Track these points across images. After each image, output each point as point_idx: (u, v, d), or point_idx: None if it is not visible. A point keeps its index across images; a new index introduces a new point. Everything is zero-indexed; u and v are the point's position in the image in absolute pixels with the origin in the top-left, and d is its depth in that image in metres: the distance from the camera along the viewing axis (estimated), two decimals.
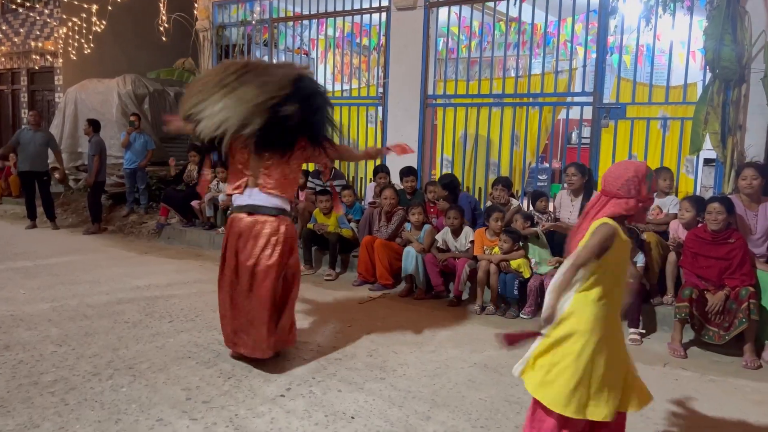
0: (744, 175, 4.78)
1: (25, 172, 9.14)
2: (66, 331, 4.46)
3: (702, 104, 5.41)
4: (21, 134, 9.18)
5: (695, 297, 4.36)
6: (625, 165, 2.50)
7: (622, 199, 2.44)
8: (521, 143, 7.02)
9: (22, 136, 9.10)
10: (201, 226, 8.29)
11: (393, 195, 6.27)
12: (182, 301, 5.37)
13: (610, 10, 6.24)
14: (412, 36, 7.25)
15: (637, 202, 2.44)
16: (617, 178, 2.45)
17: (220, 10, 9.23)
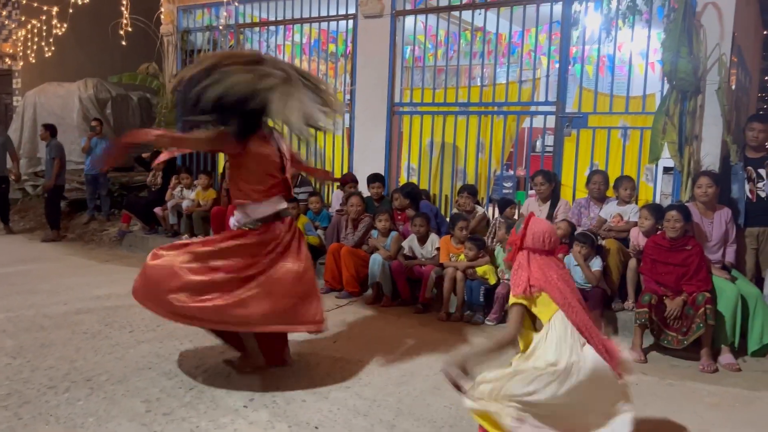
0: (699, 183, 4.92)
1: None
2: (21, 343, 4.32)
3: (660, 114, 5.55)
4: None
5: (654, 302, 4.46)
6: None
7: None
8: (486, 151, 7.10)
9: None
10: (164, 233, 8.14)
11: (359, 202, 6.27)
12: (143, 310, 5.15)
13: (573, 21, 6.37)
14: (379, 44, 7.28)
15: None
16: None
17: (185, 15, 9.12)
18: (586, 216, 5.62)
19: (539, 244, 2.77)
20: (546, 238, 2.76)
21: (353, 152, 7.62)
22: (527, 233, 2.79)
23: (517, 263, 2.79)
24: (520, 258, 2.79)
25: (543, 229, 2.79)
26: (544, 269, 2.72)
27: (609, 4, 6.01)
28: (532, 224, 2.81)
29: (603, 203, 5.60)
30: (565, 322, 2.63)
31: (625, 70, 6.38)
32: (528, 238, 2.79)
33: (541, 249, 2.76)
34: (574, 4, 6.23)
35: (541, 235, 2.76)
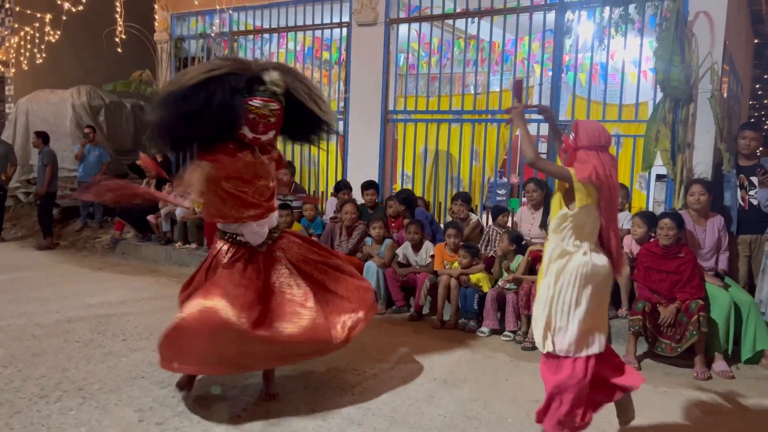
0: (692, 191, 4.95)
1: None
2: (12, 352, 4.29)
3: (653, 122, 5.58)
4: None
5: (648, 310, 4.47)
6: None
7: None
8: (480, 159, 7.12)
9: None
10: (157, 241, 8.11)
11: (354, 209, 6.27)
12: (136, 318, 5.24)
13: (565, 29, 6.41)
14: (372, 51, 7.30)
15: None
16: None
17: (179, 23, 9.13)
18: None
19: (595, 140, 2.82)
20: (600, 132, 2.83)
21: (347, 159, 7.62)
22: (580, 133, 2.84)
23: (582, 158, 2.81)
24: (582, 155, 2.82)
25: (594, 125, 2.88)
26: (609, 166, 2.80)
27: (601, 13, 6.05)
28: (581, 125, 2.89)
29: None
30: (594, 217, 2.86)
31: (618, 79, 6.42)
32: (582, 137, 2.83)
33: (597, 145, 2.81)
34: (566, 13, 6.27)
35: (595, 131, 2.83)
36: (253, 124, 3.42)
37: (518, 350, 4.78)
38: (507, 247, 5.28)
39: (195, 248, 7.68)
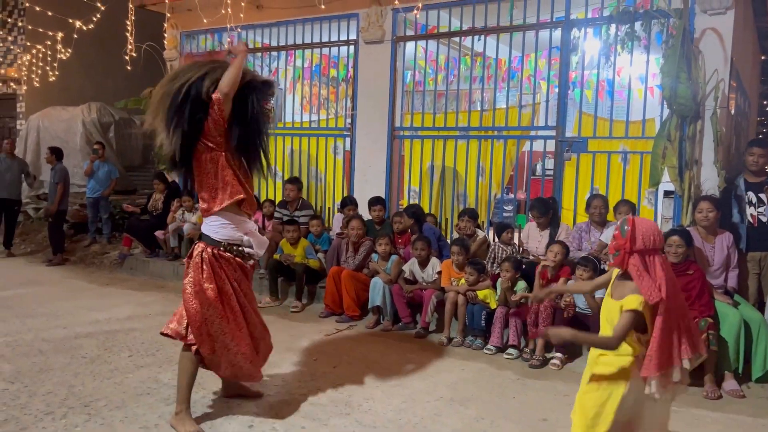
0: (700, 208, 4.92)
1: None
2: (19, 368, 4.29)
3: (660, 139, 5.57)
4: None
5: None
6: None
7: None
8: (487, 175, 7.12)
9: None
10: (165, 256, 8.14)
11: (360, 225, 6.28)
12: (143, 334, 5.24)
13: (572, 46, 6.44)
14: (379, 69, 7.35)
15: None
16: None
17: (189, 40, 9.23)
18: (586, 240, 5.61)
19: (650, 244, 2.58)
20: (656, 236, 2.60)
21: (354, 176, 7.64)
22: (636, 235, 2.59)
23: (637, 269, 2.57)
24: (636, 263, 2.58)
25: (651, 228, 2.62)
26: (669, 273, 2.58)
27: (608, 30, 6.08)
28: (638, 224, 2.62)
29: (604, 227, 5.59)
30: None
31: (625, 95, 6.43)
32: (638, 239, 2.58)
33: (652, 249, 2.58)
34: (573, 30, 6.30)
35: (651, 234, 2.58)
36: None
37: (525, 368, 4.74)
38: (514, 276, 5.17)
39: None
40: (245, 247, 3.54)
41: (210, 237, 3.47)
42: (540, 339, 4.84)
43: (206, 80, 3.39)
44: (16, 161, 9.18)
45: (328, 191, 8.11)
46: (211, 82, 3.38)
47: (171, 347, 4.87)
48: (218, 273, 3.41)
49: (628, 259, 2.61)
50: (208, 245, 3.45)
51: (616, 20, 5.93)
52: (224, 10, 7.70)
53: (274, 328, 5.47)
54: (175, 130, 3.32)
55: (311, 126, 8.52)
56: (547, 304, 4.88)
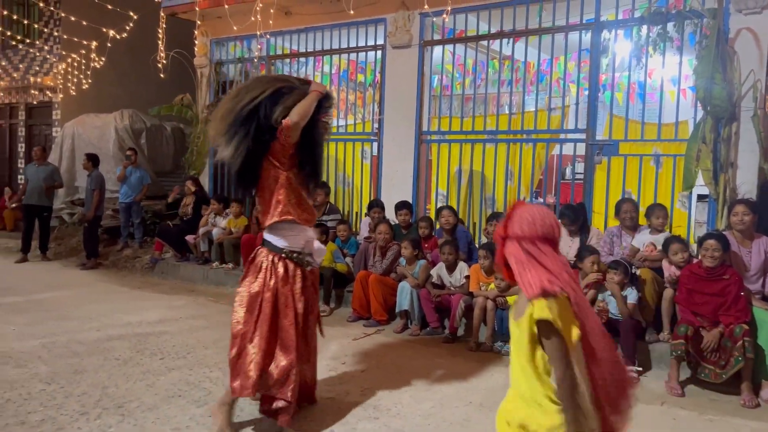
0: (735, 211, 4.81)
1: (29, 206, 9.17)
2: (55, 369, 4.39)
3: (694, 141, 5.46)
4: (27, 169, 9.28)
5: (690, 334, 4.33)
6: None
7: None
8: (515, 179, 7.07)
9: (28, 171, 9.19)
10: (195, 261, 8.25)
11: (387, 230, 6.28)
12: (174, 337, 5.31)
13: (602, 48, 6.36)
14: (407, 73, 7.36)
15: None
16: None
17: (218, 47, 9.37)
18: (618, 245, 5.52)
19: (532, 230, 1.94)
20: (543, 222, 1.94)
21: (381, 180, 7.66)
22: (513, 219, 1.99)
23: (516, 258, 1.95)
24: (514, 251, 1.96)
25: (537, 212, 1.97)
26: (557, 261, 1.92)
27: (639, 32, 5.99)
28: (519, 208, 2.02)
29: (635, 232, 5.50)
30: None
31: (656, 97, 6.32)
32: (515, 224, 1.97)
33: (539, 236, 1.93)
34: (603, 32, 6.22)
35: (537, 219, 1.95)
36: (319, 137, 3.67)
37: None
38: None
39: (231, 268, 7.77)
40: (305, 255, 3.59)
41: (272, 244, 3.54)
42: None
43: (279, 106, 3.45)
44: (43, 167, 9.35)
45: (355, 196, 8.14)
46: (284, 109, 3.44)
47: (201, 350, 4.94)
48: (269, 279, 3.47)
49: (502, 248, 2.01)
50: (270, 252, 3.53)
51: (647, 21, 5.84)
52: (254, 17, 7.80)
53: None
54: (239, 146, 3.42)
55: (339, 131, 8.56)
56: None
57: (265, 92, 3.46)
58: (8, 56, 14.54)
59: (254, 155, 3.46)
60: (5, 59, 14.62)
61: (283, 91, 3.51)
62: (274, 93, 3.48)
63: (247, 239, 7.62)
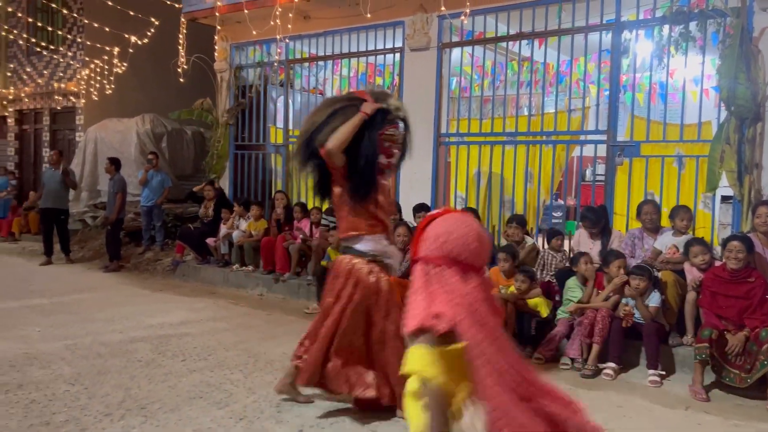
0: (759, 213, 4.73)
1: (45, 209, 9.30)
2: (79, 370, 4.45)
3: (717, 142, 5.39)
4: (44, 174, 9.41)
5: (715, 338, 4.26)
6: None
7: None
8: (535, 181, 7.02)
9: (45, 176, 9.32)
10: (216, 263, 8.31)
11: (406, 232, 6.26)
12: (195, 339, 5.36)
13: (623, 49, 6.30)
14: (425, 76, 7.35)
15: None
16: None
17: (238, 52, 9.45)
18: (640, 247, 5.46)
19: (436, 249, 1.67)
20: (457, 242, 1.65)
21: (399, 183, 7.66)
22: (425, 235, 1.73)
23: (415, 283, 1.71)
24: (418, 274, 1.71)
25: (451, 229, 1.67)
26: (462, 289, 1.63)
27: (660, 32, 5.92)
28: (435, 223, 1.74)
29: (657, 234, 5.43)
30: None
31: (678, 98, 6.25)
32: (424, 243, 1.71)
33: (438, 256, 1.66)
34: (624, 32, 6.17)
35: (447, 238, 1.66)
36: (387, 150, 3.67)
37: (577, 378, 4.63)
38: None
39: (251, 270, 7.82)
40: (386, 258, 3.76)
41: (355, 249, 3.71)
42: (594, 347, 4.72)
43: (326, 128, 3.57)
44: (59, 171, 9.45)
45: None
46: (329, 131, 3.54)
47: (222, 352, 4.97)
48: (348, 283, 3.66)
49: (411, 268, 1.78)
50: (354, 256, 3.70)
51: (669, 21, 5.77)
52: (273, 22, 7.86)
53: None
54: (307, 167, 3.75)
55: None
56: (605, 314, 4.75)
57: (323, 115, 3.64)
58: (33, 63, 14.81)
59: (321, 174, 3.73)
60: (30, 65, 14.90)
61: (337, 112, 3.62)
62: (330, 115, 3.61)
63: (267, 242, 7.67)
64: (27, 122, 15.53)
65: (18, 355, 4.74)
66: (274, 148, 9.07)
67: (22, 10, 14.59)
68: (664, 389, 4.43)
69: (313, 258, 7.18)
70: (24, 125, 15.63)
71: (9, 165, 15.30)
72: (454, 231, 1.65)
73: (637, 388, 4.40)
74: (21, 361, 4.60)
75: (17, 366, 4.49)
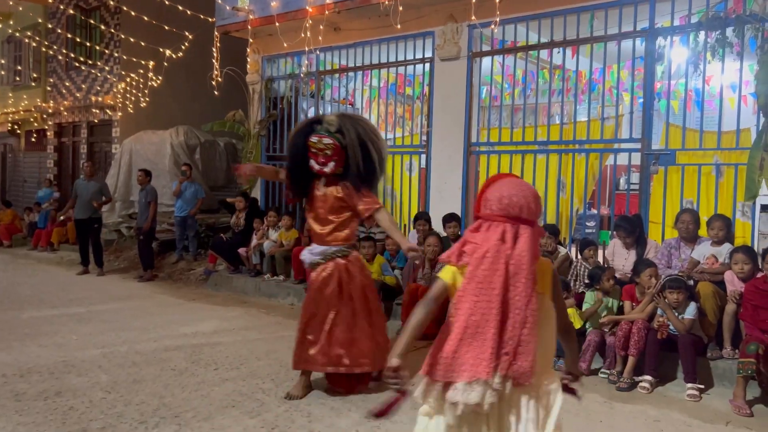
0: None
1: (79, 220, 9.51)
2: (115, 378, 4.53)
3: (756, 149, 5.25)
4: (77, 185, 9.63)
5: (762, 352, 4.11)
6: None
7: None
8: (567, 190, 6.93)
9: (78, 186, 9.53)
10: (247, 273, 8.39)
11: (437, 242, 6.24)
12: (227, 348, 5.41)
13: (657, 56, 6.19)
14: (455, 85, 7.34)
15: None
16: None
17: (270, 64, 9.58)
18: (676, 257, 5.33)
19: (497, 206, 2.00)
20: (510, 198, 1.98)
21: (429, 193, 7.64)
22: (485, 196, 2.05)
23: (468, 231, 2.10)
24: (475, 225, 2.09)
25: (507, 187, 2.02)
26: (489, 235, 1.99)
27: (696, 38, 5.81)
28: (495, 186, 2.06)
29: (694, 244, 5.30)
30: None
31: (715, 105, 6.11)
32: (485, 202, 2.05)
33: (498, 214, 1.99)
34: (658, 39, 6.07)
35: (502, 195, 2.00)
36: (314, 156, 4.19)
37: (613, 391, 4.53)
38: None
39: (283, 280, 7.88)
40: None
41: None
42: (630, 359, 4.62)
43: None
44: (93, 182, 9.62)
45: (404, 209, 8.13)
46: None
47: (254, 361, 5.00)
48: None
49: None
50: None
51: (705, 27, 5.66)
52: (303, 34, 7.95)
53: None
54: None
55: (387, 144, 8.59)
56: (641, 326, 4.64)
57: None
58: (72, 77, 15.26)
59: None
60: (69, 80, 15.35)
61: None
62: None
63: (298, 252, 7.69)
64: (66, 135, 15.98)
65: (56, 363, 4.85)
66: None
67: (61, 26, 15.06)
68: (703, 403, 4.30)
69: None
70: (63, 138, 16.09)
71: (49, 176, 15.76)
72: (514, 193, 2.00)
73: (675, 402, 4.29)
74: (59, 369, 4.71)
75: (56, 373, 4.60)
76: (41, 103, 16.03)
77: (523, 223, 1.99)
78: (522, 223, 1.99)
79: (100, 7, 14.16)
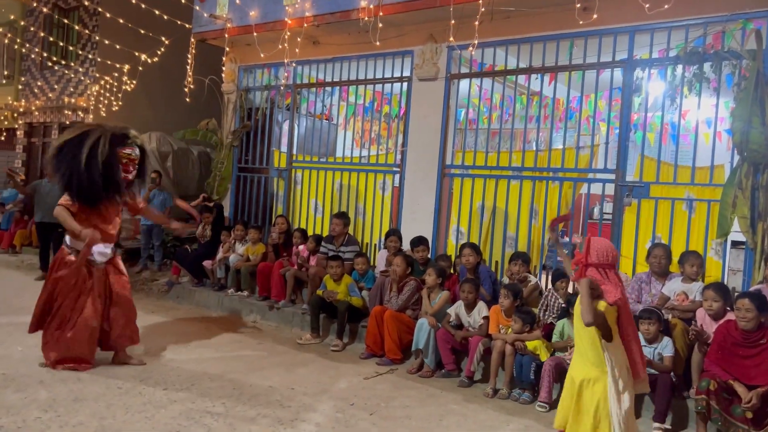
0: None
1: (41, 224, 9.18)
2: (55, 395, 4.26)
3: (730, 187, 5.21)
4: (39, 186, 9.30)
5: (713, 389, 4.00)
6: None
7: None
8: (540, 217, 6.84)
9: (41, 188, 9.20)
10: (211, 287, 8.13)
11: (402, 263, 6.06)
12: (180, 366, 5.16)
13: (635, 87, 6.17)
14: (432, 105, 7.25)
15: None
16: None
17: (246, 74, 9.41)
18: (647, 292, 5.25)
19: (603, 258, 3.18)
20: (609, 253, 3.21)
21: (401, 212, 7.50)
22: (591, 251, 3.19)
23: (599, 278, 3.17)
24: (593, 273, 3.18)
25: (605, 245, 3.25)
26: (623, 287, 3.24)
27: (674, 71, 5.79)
28: (594, 242, 3.24)
29: (665, 279, 5.22)
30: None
31: (690, 139, 6.08)
32: (592, 254, 3.18)
33: (605, 263, 3.18)
34: (636, 70, 6.04)
35: (605, 251, 3.20)
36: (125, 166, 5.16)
37: None
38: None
39: (247, 296, 7.64)
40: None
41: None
42: None
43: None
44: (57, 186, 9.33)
45: (375, 228, 7.98)
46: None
47: (207, 382, 4.77)
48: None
49: (584, 271, 3.21)
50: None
51: (683, 61, 5.64)
52: (281, 46, 7.81)
53: (313, 367, 5.34)
54: None
55: (361, 161, 8.46)
56: None
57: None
58: (45, 77, 14.91)
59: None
60: (42, 79, 15.01)
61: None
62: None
63: (264, 267, 7.50)
64: (36, 135, 15.59)
65: None
66: (277, 172, 8.96)
67: (38, 25, 14.75)
68: None
69: (309, 287, 7.00)
70: (32, 138, 15.68)
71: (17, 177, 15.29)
72: (609, 249, 3.26)
73: None
74: None
75: None
76: (12, 102, 15.63)
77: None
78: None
79: (78, 8, 13.89)
